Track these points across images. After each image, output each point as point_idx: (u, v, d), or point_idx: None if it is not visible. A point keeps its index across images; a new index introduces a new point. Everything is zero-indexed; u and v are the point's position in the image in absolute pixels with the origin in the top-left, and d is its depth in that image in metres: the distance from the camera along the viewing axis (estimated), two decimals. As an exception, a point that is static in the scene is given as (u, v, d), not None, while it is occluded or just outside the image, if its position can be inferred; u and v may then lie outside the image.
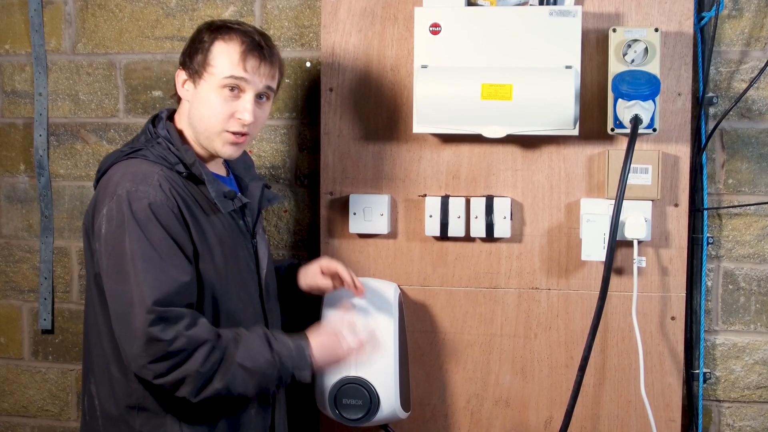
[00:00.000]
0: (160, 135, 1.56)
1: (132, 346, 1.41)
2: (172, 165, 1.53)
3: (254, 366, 1.46)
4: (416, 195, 1.92)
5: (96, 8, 2.13)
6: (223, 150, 1.56)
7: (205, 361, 1.42)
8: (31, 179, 2.21)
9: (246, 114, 1.53)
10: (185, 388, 1.43)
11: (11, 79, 2.19)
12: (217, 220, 1.56)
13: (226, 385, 1.44)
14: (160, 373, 1.42)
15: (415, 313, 1.93)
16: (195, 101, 1.56)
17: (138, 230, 1.43)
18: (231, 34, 1.55)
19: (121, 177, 1.49)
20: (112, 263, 1.45)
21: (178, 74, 1.59)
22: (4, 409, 2.27)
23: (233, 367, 1.44)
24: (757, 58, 1.91)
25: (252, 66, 1.53)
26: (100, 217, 1.47)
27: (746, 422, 1.97)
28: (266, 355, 1.47)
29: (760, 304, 1.94)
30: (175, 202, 1.48)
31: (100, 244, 1.47)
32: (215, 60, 1.53)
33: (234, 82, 1.53)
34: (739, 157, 1.93)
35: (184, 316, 1.43)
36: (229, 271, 1.57)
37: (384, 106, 1.92)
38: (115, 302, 1.44)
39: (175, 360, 1.41)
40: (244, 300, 1.60)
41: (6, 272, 2.24)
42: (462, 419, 1.93)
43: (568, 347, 1.89)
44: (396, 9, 1.90)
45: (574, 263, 1.87)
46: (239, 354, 1.45)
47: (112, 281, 1.45)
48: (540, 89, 1.73)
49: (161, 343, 1.40)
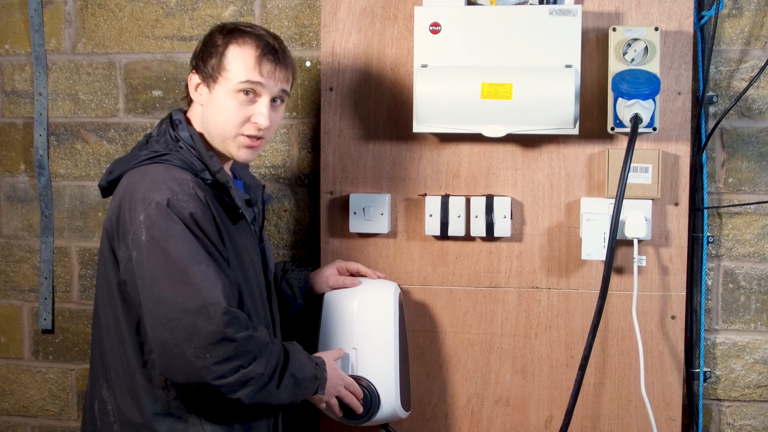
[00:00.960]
0: (182, 138, 1.54)
1: (190, 348, 1.39)
2: (197, 172, 1.52)
3: (302, 376, 1.52)
4: (416, 194, 1.92)
5: (96, 8, 2.13)
6: (238, 154, 1.56)
7: (268, 364, 1.45)
8: (31, 179, 2.21)
9: (262, 118, 1.53)
10: (246, 389, 1.43)
11: (11, 78, 2.19)
12: (239, 226, 1.57)
13: (279, 391, 1.48)
14: (222, 374, 1.41)
15: (415, 313, 1.93)
16: (210, 105, 1.55)
17: (188, 236, 1.42)
18: (245, 37, 1.54)
19: (151, 183, 1.46)
20: (158, 269, 1.42)
21: (190, 78, 1.58)
22: (5, 408, 2.27)
23: (287, 375, 1.49)
24: (757, 57, 1.91)
25: (267, 70, 1.53)
26: (136, 224, 1.43)
27: (747, 421, 1.97)
28: (311, 367, 1.55)
29: (761, 303, 1.94)
30: (210, 211, 1.48)
31: (140, 251, 1.43)
32: (230, 64, 1.53)
33: (250, 87, 1.53)
34: (739, 156, 1.93)
35: (247, 318, 1.46)
36: (248, 277, 1.58)
37: (384, 105, 1.92)
38: (163, 308, 1.41)
39: (241, 361, 1.42)
40: (258, 303, 1.61)
41: (6, 272, 2.24)
42: (462, 418, 1.93)
43: (569, 346, 1.89)
44: (396, 8, 1.90)
45: (575, 262, 1.87)
46: (291, 363, 1.50)
47: (158, 288, 1.41)
48: (540, 88, 1.73)
49: (233, 344, 1.40)
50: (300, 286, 1.85)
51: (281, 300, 1.84)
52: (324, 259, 1.95)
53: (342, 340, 1.77)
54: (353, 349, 1.75)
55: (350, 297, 1.81)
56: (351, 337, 1.77)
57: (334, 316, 1.80)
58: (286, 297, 1.85)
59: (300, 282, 1.85)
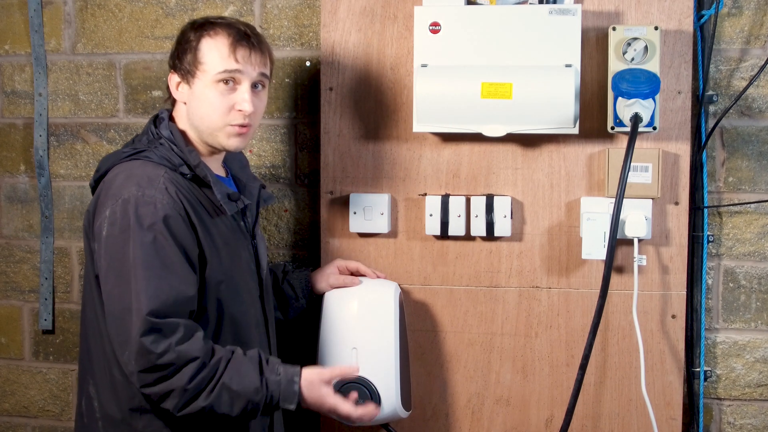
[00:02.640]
0: (163, 136, 1.56)
1: (124, 351, 1.42)
2: (176, 166, 1.53)
3: (240, 389, 1.45)
4: (416, 194, 1.92)
5: (95, 8, 2.13)
6: (228, 143, 1.56)
7: (192, 378, 1.42)
8: (31, 179, 2.21)
9: (246, 104, 1.54)
10: (170, 401, 1.43)
11: (11, 79, 2.19)
12: (220, 222, 1.56)
13: (210, 403, 1.43)
14: (146, 383, 1.42)
15: (415, 312, 1.93)
16: (192, 101, 1.56)
17: (142, 236, 1.42)
18: (216, 28, 1.55)
19: (125, 179, 1.48)
20: (111, 266, 1.44)
21: (170, 78, 1.59)
22: (5, 409, 2.27)
23: (219, 387, 1.44)
24: (757, 56, 1.91)
25: (243, 56, 1.54)
26: (101, 218, 1.46)
27: (747, 420, 1.97)
28: (254, 379, 1.46)
29: (761, 302, 1.94)
30: (182, 206, 1.48)
31: (100, 245, 1.46)
32: (205, 57, 1.54)
33: (228, 75, 1.53)
34: (739, 155, 1.93)
35: (178, 329, 1.42)
36: (234, 274, 1.57)
37: (384, 105, 1.92)
38: (111, 305, 1.44)
39: (162, 373, 1.41)
40: (247, 302, 1.60)
41: (6, 272, 2.24)
42: (463, 418, 1.93)
43: (569, 346, 1.88)
44: (396, 8, 1.90)
45: (575, 262, 1.87)
46: (227, 375, 1.45)
47: (110, 284, 1.45)
48: (540, 88, 1.73)
49: (151, 355, 1.39)
50: (302, 286, 1.84)
51: (283, 301, 1.84)
52: (324, 258, 1.95)
53: (342, 340, 1.78)
54: (353, 348, 1.75)
55: (350, 297, 1.81)
56: (351, 337, 1.77)
57: (335, 316, 1.80)
58: (288, 298, 1.84)
59: (301, 282, 1.85)
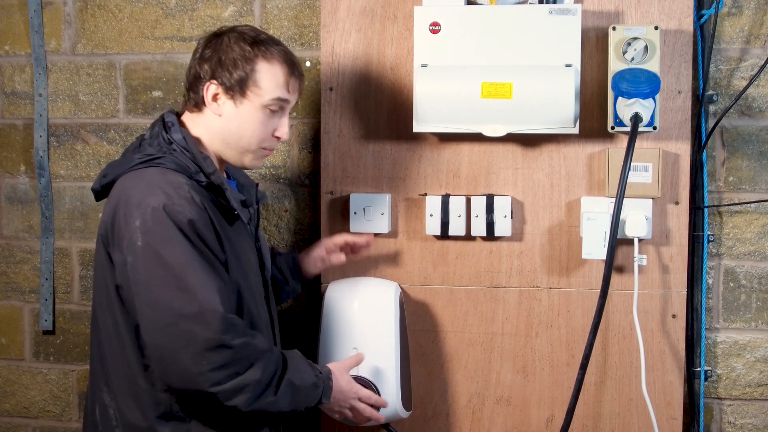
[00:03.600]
0: (175, 141, 1.53)
1: (186, 354, 1.39)
2: (192, 174, 1.51)
3: (302, 384, 1.50)
4: (417, 194, 1.92)
5: (95, 9, 2.13)
6: (252, 164, 1.59)
7: (264, 371, 1.44)
8: (31, 180, 2.21)
9: (286, 134, 1.58)
10: (241, 397, 1.42)
11: (11, 79, 2.20)
12: (234, 227, 1.57)
13: (276, 399, 1.46)
14: (218, 381, 1.40)
15: (416, 312, 1.93)
16: (234, 119, 1.54)
17: (184, 242, 1.42)
18: (271, 50, 1.55)
19: (146, 188, 1.45)
20: (154, 275, 1.41)
21: (208, 86, 1.53)
22: (6, 410, 2.27)
23: (285, 382, 1.47)
24: (757, 55, 1.91)
25: (294, 87, 1.58)
26: (132, 230, 1.42)
27: (748, 420, 1.97)
28: (311, 375, 1.52)
29: (761, 302, 1.94)
30: (207, 213, 1.47)
31: (135, 257, 1.42)
32: (262, 81, 1.53)
33: (280, 104, 1.56)
34: (739, 154, 1.93)
35: (244, 325, 1.45)
36: (248, 276, 1.57)
37: (384, 105, 1.92)
38: (158, 314, 1.41)
39: (238, 368, 1.41)
40: (258, 303, 1.60)
41: (7, 273, 2.24)
42: (463, 418, 1.93)
43: (569, 346, 1.88)
44: (395, 8, 1.90)
45: (575, 261, 1.87)
46: (290, 370, 1.48)
47: (154, 293, 1.41)
48: (540, 88, 1.73)
49: (229, 351, 1.40)
50: (289, 267, 1.84)
51: (274, 288, 1.81)
52: (324, 259, 1.95)
53: (343, 340, 1.78)
54: (354, 349, 1.75)
55: (351, 297, 1.82)
56: (352, 337, 1.77)
57: (335, 316, 1.80)
58: (278, 282, 1.83)
59: (288, 263, 1.84)
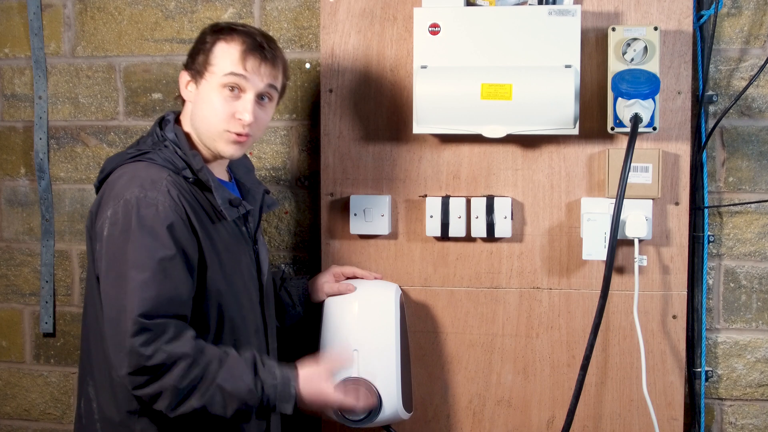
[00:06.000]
0: (168, 138, 1.56)
1: (117, 353, 1.41)
2: (179, 170, 1.53)
3: (234, 390, 1.43)
4: (417, 195, 1.92)
5: (95, 11, 2.13)
6: (225, 149, 1.56)
7: (183, 376, 1.41)
8: (31, 182, 2.21)
9: (246, 114, 1.53)
10: (162, 402, 1.42)
11: (11, 82, 2.20)
12: (222, 227, 1.56)
13: (203, 404, 1.42)
14: (138, 385, 1.41)
15: (416, 314, 1.93)
16: (197, 101, 1.56)
17: (142, 238, 1.42)
18: (233, 34, 1.55)
19: (128, 181, 1.47)
20: (111, 267, 1.44)
21: (181, 76, 1.60)
22: (7, 412, 2.27)
23: (212, 387, 1.42)
24: (757, 55, 1.91)
25: (252, 65, 1.53)
26: (103, 219, 1.46)
27: (748, 420, 1.97)
28: (248, 381, 1.45)
29: (762, 302, 1.94)
30: (184, 209, 1.48)
31: (101, 246, 1.46)
32: (216, 59, 1.54)
33: (234, 81, 1.53)
34: (739, 155, 1.93)
35: (168, 329, 1.41)
36: (234, 279, 1.56)
37: (384, 106, 1.92)
38: (108, 307, 1.44)
39: (152, 374, 1.40)
40: (246, 307, 1.60)
41: (7, 276, 2.24)
42: (464, 419, 1.93)
43: (570, 346, 1.88)
44: (395, 9, 1.90)
45: (575, 262, 1.87)
46: (221, 375, 1.43)
47: (108, 285, 1.44)
48: (540, 88, 1.73)
49: (140, 357, 1.39)
50: (299, 294, 1.84)
51: (280, 308, 1.84)
52: (325, 260, 1.95)
53: (343, 342, 1.77)
54: (354, 350, 1.75)
55: (351, 299, 1.81)
56: (352, 338, 1.77)
57: (336, 318, 1.80)
58: (285, 305, 1.84)
59: (299, 290, 1.85)
